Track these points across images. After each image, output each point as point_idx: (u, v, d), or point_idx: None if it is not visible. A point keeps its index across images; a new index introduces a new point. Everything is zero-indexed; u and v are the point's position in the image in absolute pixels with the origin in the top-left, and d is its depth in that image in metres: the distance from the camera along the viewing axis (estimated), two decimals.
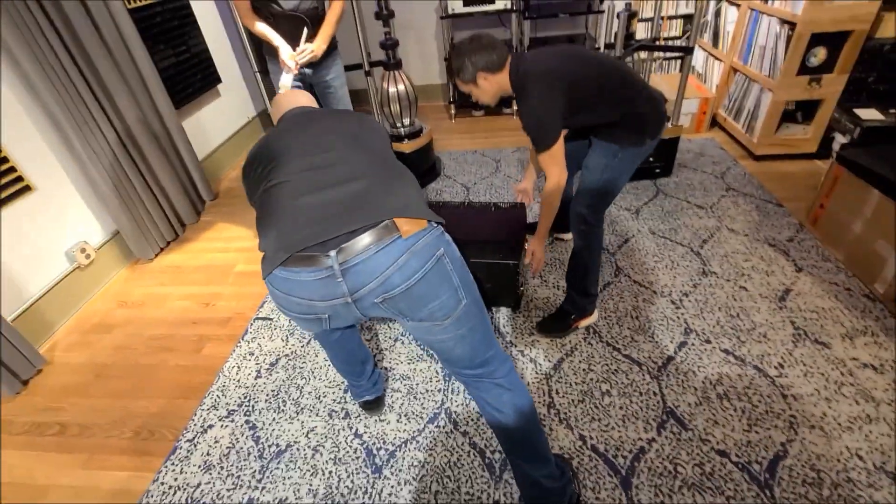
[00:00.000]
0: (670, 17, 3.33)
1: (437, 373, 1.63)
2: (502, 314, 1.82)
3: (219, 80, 3.05)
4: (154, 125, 2.38)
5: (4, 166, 1.82)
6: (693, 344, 1.62)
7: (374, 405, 1.50)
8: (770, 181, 2.45)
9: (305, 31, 1.89)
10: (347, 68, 2.41)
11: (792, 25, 2.28)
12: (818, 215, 2.06)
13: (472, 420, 1.46)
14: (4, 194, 1.82)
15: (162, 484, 1.38)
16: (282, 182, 0.96)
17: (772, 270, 1.88)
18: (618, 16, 2.16)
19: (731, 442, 1.32)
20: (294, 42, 1.93)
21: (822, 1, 2.14)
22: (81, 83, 1.98)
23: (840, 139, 2.32)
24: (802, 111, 2.61)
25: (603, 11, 2.98)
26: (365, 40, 2.43)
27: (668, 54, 3.10)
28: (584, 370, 1.57)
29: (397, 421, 1.48)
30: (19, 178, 1.87)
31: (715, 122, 3.07)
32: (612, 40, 2.25)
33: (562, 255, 2.10)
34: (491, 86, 1.38)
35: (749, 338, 1.62)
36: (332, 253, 0.85)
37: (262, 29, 1.92)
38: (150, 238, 2.37)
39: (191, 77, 2.79)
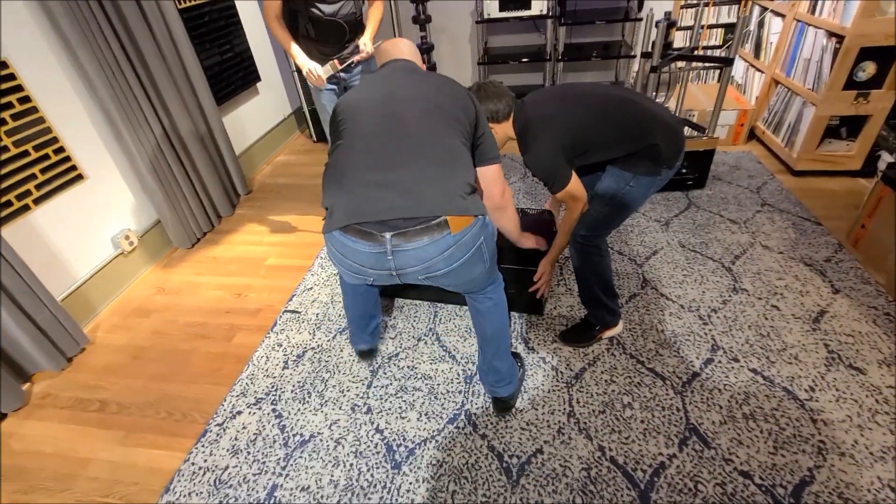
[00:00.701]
0: (711, 26, 3.27)
1: (458, 374, 1.65)
2: (525, 319, 1.83)
3: (258, 79, 3.15)
4: (197, 121, 2.49)
5: (61, 155, 1.93)
6: (720, 361, 1.59)
7: (367, 354, 1.70)
8: (809, 198, 2.37)
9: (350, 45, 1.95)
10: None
11: (840, 38, 2.21)
12: (859, 236, 1.99)
13: (492, 423, 1.48)
14: (59, 182, 1.93)
15: (192, 464, 1.45)
16: (353, 145, 1.06)
17: (806, 291, 1.83)
18: (657, 24, 2.13)
19: (756, 464, 1.30)
20: (335, 46, 1.99)
21: (872, 15, 2.07)
22: (134, 80, 2.09)
23: (887, 158, 2.24)
24: (847, 127, 2.52)
25: (641, 19, 2.94)
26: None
27: (707, 65, 3.04)
28: (605, 381, 1.57)
29: (417, 419, 1.51)
30: (73, 168, 1.99)
31: (753, 135, 3.00)
32: (650, 49, 2.22)
33: None
34: (496, 133, 1.39)
35: (779, 358, 1.58)
36: (388, 235, 0.98)
37: (285, 40, 1.97)
38: (189, 228, 2.48)
39: (233, 75, 2.90)
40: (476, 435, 1.45)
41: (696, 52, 2.39)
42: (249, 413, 1.59)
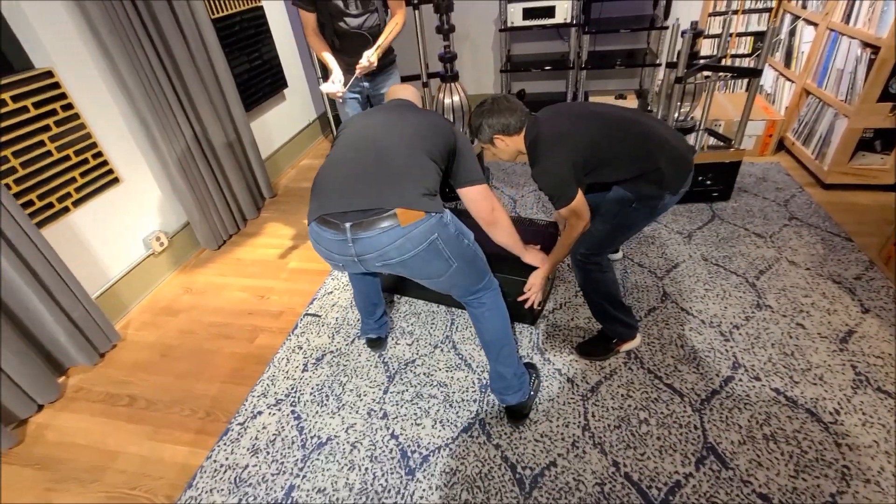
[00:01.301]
0: (740, 35, 3.21)
1: (473, 383, 1.66)
2: (542, 330, 1.83)
3: (285, 85, 3.23)
4: (226, 127, 2.57)
5: (99, 160, 2.03)
6: (741, 379, 1.57)
7: (375, 343, 1.81)
8: (839, 212, 2.31)
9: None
10: (405, 78, 2.51)
11: (875, 49, 2.14)
12: (892, 253, 1.92)
13: (506, 434, 1.48)
14: (97, 185, 2.03)
15: (214, 461, 1.50)
16: (333, 154, 1.28)
17: (834, 309, 1.78)
18: (682, 34, 2.11)
19: (776, 487, 1.27)
20: (358, 57, 2.03)
21: None
22: (168, 88, 2.18)
23: None
24: (882, 140, 2.44)
25: (667, 28, 2.91)
26: (424, 52, 2.51)
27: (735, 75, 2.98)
28: (622, 395, 1.56)
29: (432, 427, 1.53)
30: (110, 171, 2.08)
31: (782, 146, 2.92)
32: (675, 58, 2.19)
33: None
34: (507, 146, 1.45)
35: (803, 378, 1.54)
36: (347, 225, 1.13)
37: (323, 53, 2.06)
38: (216, 230, 2.56)
39: (261, 82, 2.98)
40: (490, 445, 1.46)
41: (723, 62, 2.35)
42: (269, 414, 1.64)
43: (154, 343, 2.03)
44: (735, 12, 3.02)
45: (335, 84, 2.00)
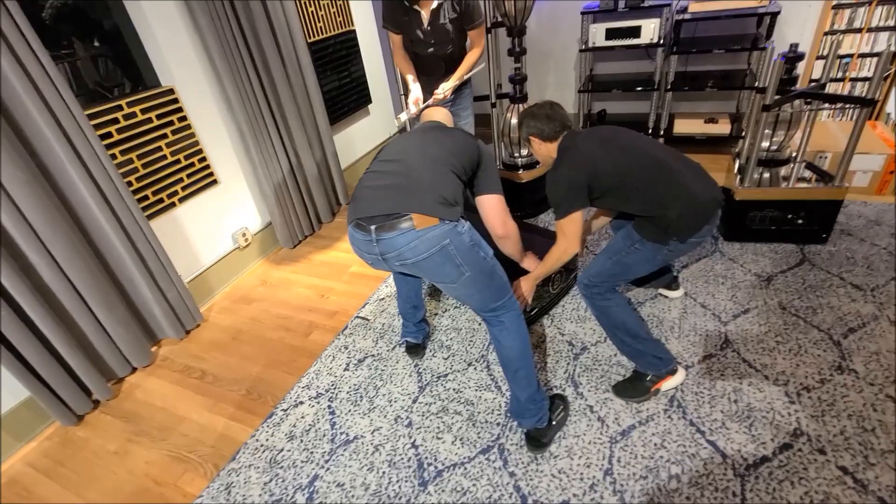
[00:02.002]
0: (862, 56, 2.82)
1: (500, 406, 1.66)
2: (580, 362, 1.77)
3: (370, 101, 3.48)
4: (311, 138, 2.84)
5: (203, 164, 2.37)
6: (801, 450, 1.38)
7: (413, 349, 1.91)
8: None
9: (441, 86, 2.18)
10: (476, 98, 2.59)
11: None
12: None
13: (523, 463, 1.46)
14: (199, 185, 2.36)
15: (256, 440, 1.67)
16: (371, 168, 1.43)
17: None
18: (775, 59, 1.92)
19: None
20: (432, 76, 2.18)
21: None
22: (264, 103, 2.47)
23: None
24: None
25: (765, 48, 2.65)
26: (496, 73, 2.56)
27: (841, 105, 2.62)
28: (655, 444, 1.45)
29: (452, 443, 1.56)
30: (211, 174, 2.42)
31: None
32: (766, 83, 2.00)
33: (661, 313, 1.94)
34: (540, 149, 1.57)
35: (881, 461, 1.32)
36: (372, 227, 1.27)
37: (407, 75, 2.26)
38: (294, 231, 2.83)
39: (348, 97, 3.25)
40: (505, 471, 1.45)
41: (826, 90, 2.09)
42: (309, 405, 1.78)
43: (229, 326, 2.30)
44: (846, 31, 2.66)
45: (404, 114, 2.22)
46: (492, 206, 1.47)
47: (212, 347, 2.18)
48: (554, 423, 1.51)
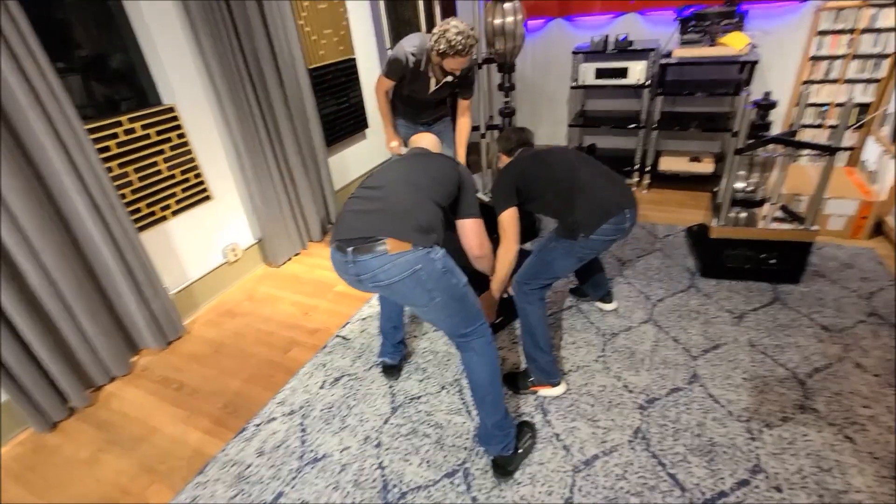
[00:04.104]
0: (839, 105, 2.94)
1: (469, 430, 1.68)
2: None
3: (366, 126, 3.59)
4: (307, 158, 2.93)
5: (198, 180, 2.44)
6: (758, 486, 1.40)
7: (390, 370, 1.95)
8: None
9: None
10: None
11: None
12: None
13: (486, 488, 1.48)
14: (193, 200, 2.43)
15: (226, 454, 1.69)
16: (354, 193, 1.49)
17: None
18: (746, 107, 2.02)
19: None
20: (423, 112, 2.31)
21: None
22: (261, 124, 2.57)
23: None
24: None
25: (741, 94, 2.77)
26: (489, 106, 2.67)
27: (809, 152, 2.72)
28: (616, 475, 1.48)
29: (418, 465, 1.57)
30: (204, 190, 2.49)
31: (880, 231, 2.58)
32: (737, 128, 2.09)
33: (633, 345, 1.98)
34: (502, 162, 1.88)
35: (836, 502, 1.34)
36: (349, 249, 1.32)
37: (386, 115, 2.39)
38: (283, 248, 2.89)
39: (345, 121, 3.36)
40: (468, 495, 1.46)
41: (799, 135, 2.18)
42: (281, 421, 1.80)
43: (211, 339, 2.33)
44: (832, 81, 2.79)
45: (394, 144, 2.39)
46: (470, 229, 1.54)
47: (192, 360, 2.21)
48: (520, 450, 1.53)
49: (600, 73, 3.14)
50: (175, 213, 2.36)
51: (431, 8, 2.97)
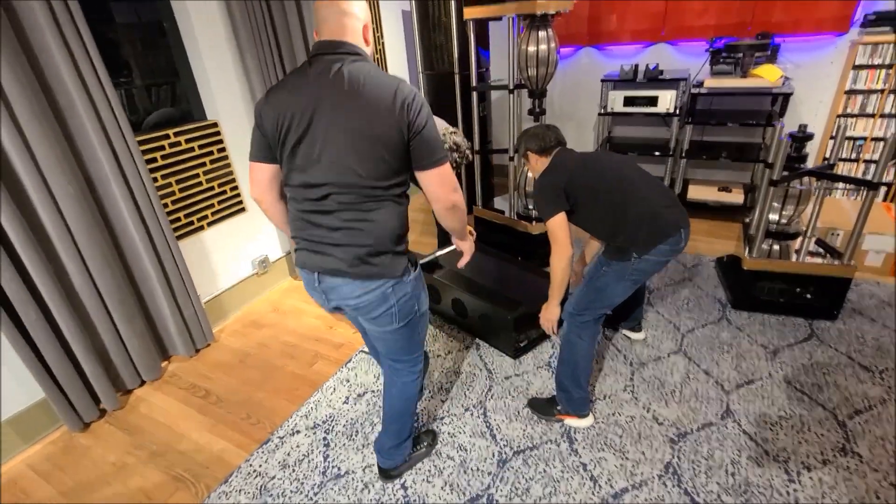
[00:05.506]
0: (875, 139, 2.90)
1: (493, 454, 1.65)
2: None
3: None
4: None
5: (234, 192, 2.52)
6: None
7: None
8: None
9: None
10: (496, 151, 2.73)
11: None
12: None
13: None
14: (228, 211, 2.51)
15: (250, 465, 1.69)
16: (297, 195, 1.19)
17: None
18: (781, 138, 2.00)
19: None
20: None
21: None
22: None
23: None
24: None
25: (774, 126, 2.75)
26: (517, 129, 2.70)
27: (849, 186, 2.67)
28: None
29: (441, 488, 1.55)
30: (240, 202, 2.56)
31: None
32: (772, 159, 2.07)
33: (663, 376, 1.94)
34: (536, 164, 1.74)
35: None
36: (316, 275, 1.22)
37: None
38: None
39: None
40: None
41: (833, 171, 2.15)
42: (305, 435, 1.80)
43: (238, 349, 2.36)
44: (868, 115, 2.75)
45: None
46: (433, 180, 1.16)
47: (219, 368, 2.24)
48: (409, 458, 1.61)
49: (629, 101, 3.17)
50: (211, 223, 2.43)
51: (466, 34, 3.06)
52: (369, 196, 1.14)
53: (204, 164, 2.34)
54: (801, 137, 2.07)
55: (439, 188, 1.19)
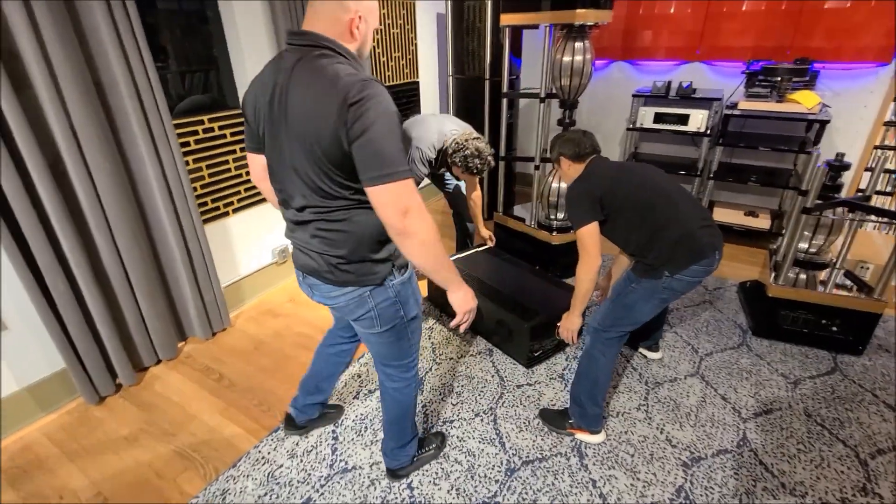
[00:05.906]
0: None
1: (501, 462, 1.64)
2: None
3: None
4: None
5: None
6: None
7: (290, 421, 1.75)
8: None
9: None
10: (521, 159, 2.73)
11: None
12: None
13: None
14: (253, 199, 2.54)
15: (259, 451, 1.70)
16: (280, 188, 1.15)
17: None
18: (818, 168, 1.96)
19: None
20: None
21: None
22: None
23: None
24: None
25: (810, 153, 2.69)
26: (544, 139, 2.70)
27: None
28: None
29: (448, 491, 1.54)
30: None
31: None
32: (806, 187, 2.03)
33: (679, 398, 1.90)
34: (569, 170, 1.71)
35: None
36: (302, 277, 1.25)
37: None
38: None
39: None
40: None
41: (871, 201, 2.10)
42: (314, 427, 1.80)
43: (253, 336, 2.39)
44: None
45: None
46: (380, 200, 0.95)
47: (233, 353, 2.26)
48: (416, 460, 1.61)
49: (659, 118, 3.14)
50: (236, 210, 2.47)
51: (499, 41, 3.06)
52: (340, 207, 1.06)
53: (234, 152, 2.38)
54: (839, 166, 2.03)
55: (383, 209, 0.95)
